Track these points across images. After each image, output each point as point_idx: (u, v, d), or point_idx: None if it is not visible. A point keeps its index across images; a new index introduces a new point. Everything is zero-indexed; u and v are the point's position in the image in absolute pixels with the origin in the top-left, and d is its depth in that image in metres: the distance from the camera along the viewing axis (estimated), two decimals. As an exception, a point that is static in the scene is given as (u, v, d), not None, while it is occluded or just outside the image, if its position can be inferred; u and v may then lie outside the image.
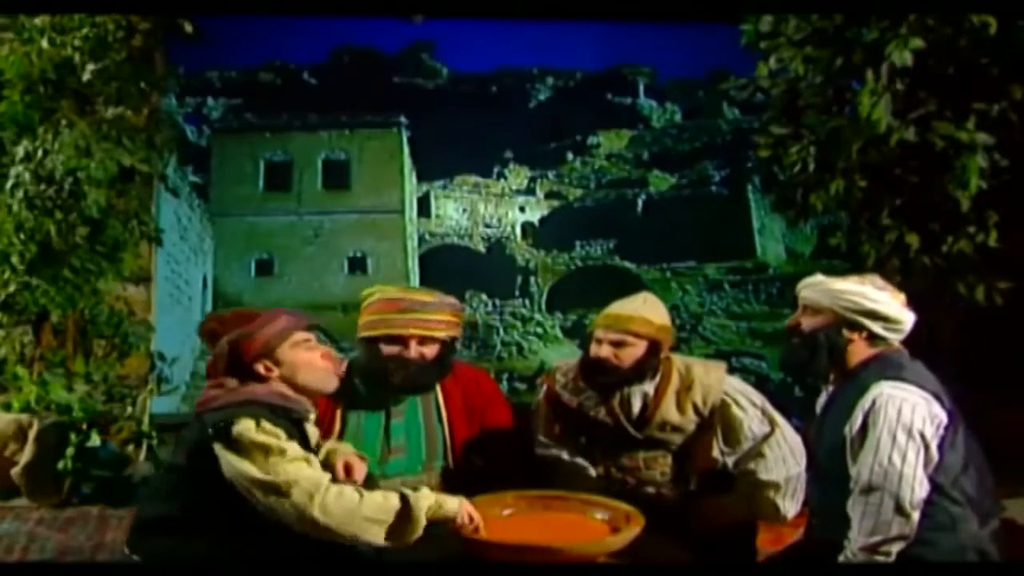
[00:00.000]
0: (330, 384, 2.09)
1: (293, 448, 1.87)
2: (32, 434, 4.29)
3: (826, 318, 2.13)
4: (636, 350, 2.39)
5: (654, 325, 2.41)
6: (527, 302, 35.46)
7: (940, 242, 4.23)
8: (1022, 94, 3.99)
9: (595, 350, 2.43)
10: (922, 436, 1.93)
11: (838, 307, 2.11)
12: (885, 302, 2.10)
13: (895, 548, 1.92)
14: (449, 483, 2.42)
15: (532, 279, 37.04)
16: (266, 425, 1.86)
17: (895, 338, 2.13)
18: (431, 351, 2.36)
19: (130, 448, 4.70)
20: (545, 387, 2.60)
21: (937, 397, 1.99)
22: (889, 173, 4.31)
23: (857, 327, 2.11)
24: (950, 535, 1.95)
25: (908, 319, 2.13)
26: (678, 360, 2.49)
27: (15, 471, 4.23)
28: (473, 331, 31.42)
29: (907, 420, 1.93)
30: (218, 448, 1.85)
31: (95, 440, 4.33)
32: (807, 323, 2.17)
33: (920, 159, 4.18)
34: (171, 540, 1.91)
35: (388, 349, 2.34)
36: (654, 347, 2.42)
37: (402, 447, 2.40)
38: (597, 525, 2.11)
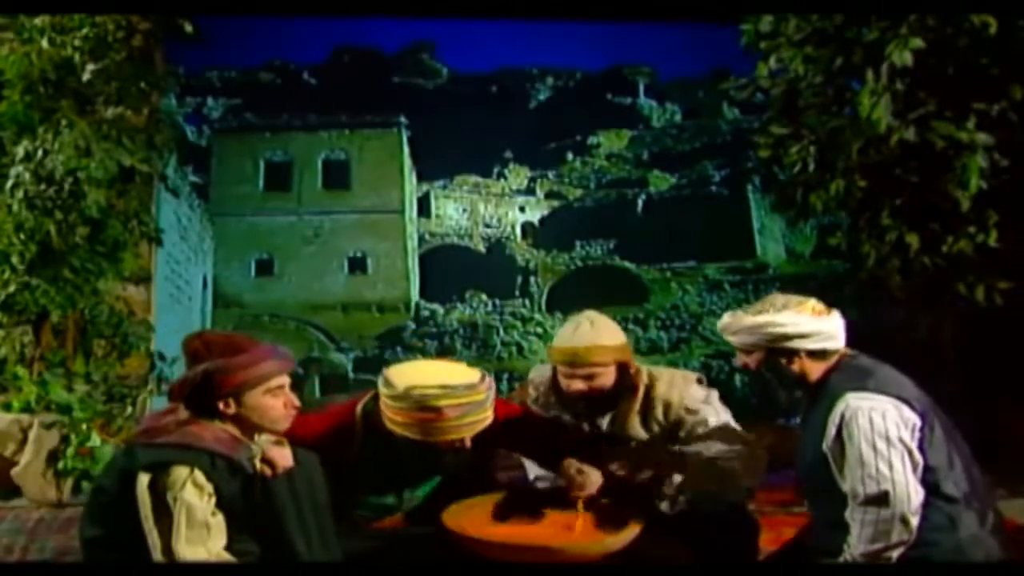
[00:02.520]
0: (281, 427, 2.04)
1: (203, 515, 1.84)
2: (32, 434, 4.29)
3: (758, 355, 2.11)
4: (607, 377, 2.39)
5: (612, 348, 2.40)
6: (527, 302, 35.45)
7: (940, 242, 4.22)
8: (1022, 94, 3.99)
9: (567, 385, 2.41)
10: (901, 441, 1.91)
11: (759, 341, 2.08)
12: (791, 322, 2.05)
13: (895, 554, 1.91)
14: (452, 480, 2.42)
15: (532, 279, 37.04)
16: (198, 477, 1.84)
17: (833, 345, 2.07)
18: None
19: (130, 448, 4.69)
20: (518, 402, 2.60)
21: (905, 400, 1.96)
22: (889, 173, 4.32)
23: (788, 352, 2.07)
24: (950, 534, 1.94)
25: (827, 325, 2.07)
26: (644, 374, 2.49)
27: (15, 471, 4.23)
28: (473, 331, 31.47)
29: (881, 428, 1.92)
30: (141, 483, 1.84)
31: (95, 440, 4.32)
32: (750, 361, 2.14)
33: (920, 159, 4.18)
34: (107, 558, 1.92)
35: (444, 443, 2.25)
36: (622, 367, 2.42)
37: None
38: (597, 525, 2.10)
